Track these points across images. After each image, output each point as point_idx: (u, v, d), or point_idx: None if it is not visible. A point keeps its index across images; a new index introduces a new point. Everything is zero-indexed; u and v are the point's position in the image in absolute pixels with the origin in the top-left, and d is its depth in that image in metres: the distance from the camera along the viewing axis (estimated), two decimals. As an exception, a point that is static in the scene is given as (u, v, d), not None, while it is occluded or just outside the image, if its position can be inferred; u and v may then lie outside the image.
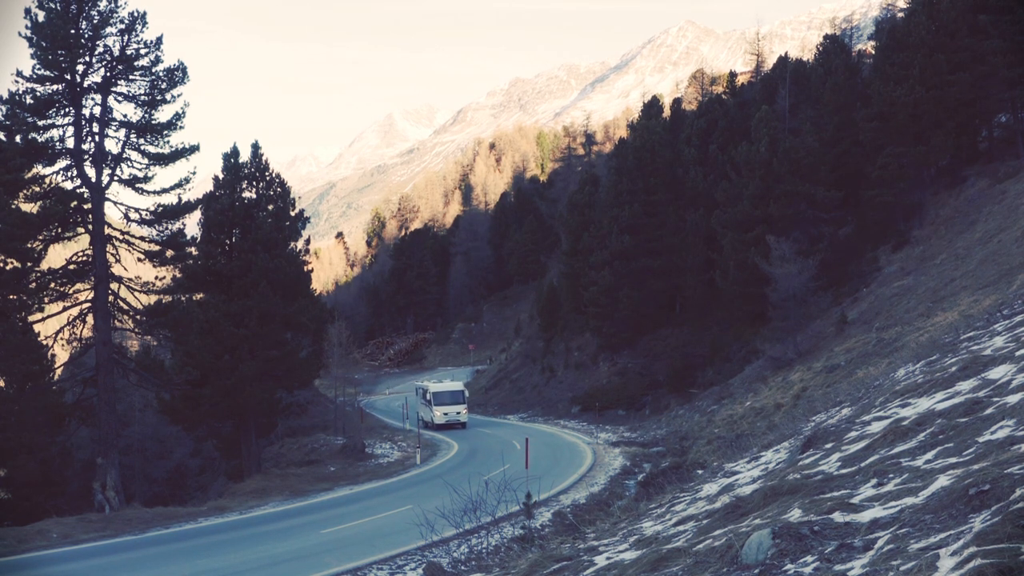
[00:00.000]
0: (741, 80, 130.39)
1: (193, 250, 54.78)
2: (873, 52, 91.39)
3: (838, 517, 9.16)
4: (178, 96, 52.21)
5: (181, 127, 52.46)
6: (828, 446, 15.35)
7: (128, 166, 51.49)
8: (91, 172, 50.44)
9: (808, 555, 8.37)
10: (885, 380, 26.00)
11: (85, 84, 50.04)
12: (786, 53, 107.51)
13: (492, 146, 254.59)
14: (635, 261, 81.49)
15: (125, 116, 51.56)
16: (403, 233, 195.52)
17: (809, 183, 70.82)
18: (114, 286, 51.38)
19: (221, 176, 56.11)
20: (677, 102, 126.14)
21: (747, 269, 67.26)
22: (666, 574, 9.75)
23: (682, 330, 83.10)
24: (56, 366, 54.79)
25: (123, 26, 50.09)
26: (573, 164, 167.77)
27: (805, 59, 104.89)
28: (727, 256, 71.92)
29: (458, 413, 77.21)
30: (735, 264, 70.17)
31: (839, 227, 75.64)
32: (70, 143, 50.19)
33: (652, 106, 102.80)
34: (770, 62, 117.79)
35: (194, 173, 53.58)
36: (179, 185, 52.70)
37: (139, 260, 53.08)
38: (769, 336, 65.66)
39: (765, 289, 62.86)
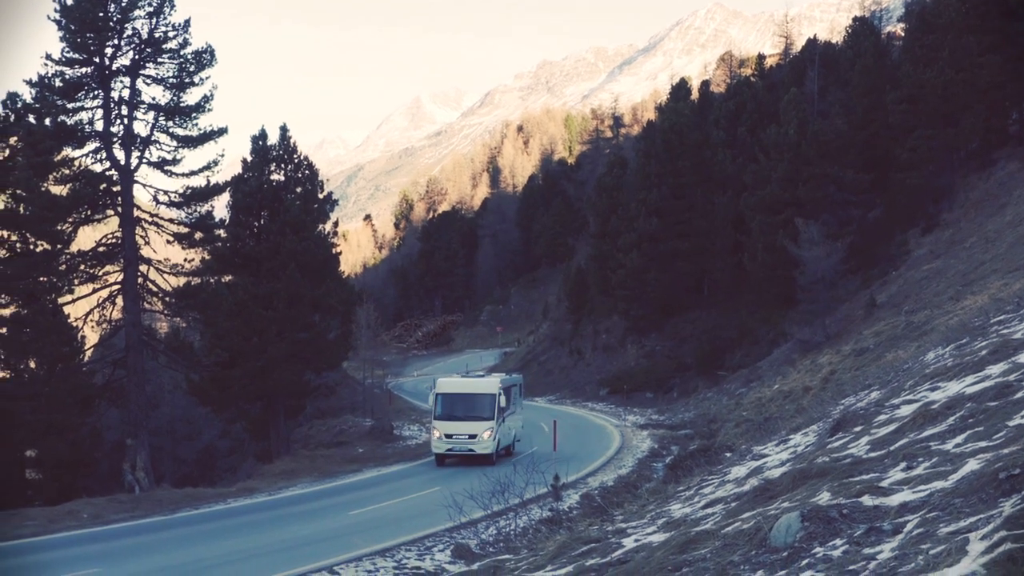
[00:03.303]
0: (770, 63, 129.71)
1: (222, 232, 54.97)
2: (903, 34, 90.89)
3: (867, 500, 9.15)
4: (206, 79, 52.47)
5: (209, 109, 52.66)
6: (857, 429, 15.33)
7: (157, 148, 51.79)
8: (120, 154, 50.69)
9: (837, 538, 8.37)
10: (914, 363, 25.93)
11: (114, 67, 50.27)
12: (815, 35, 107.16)
13: (520, 128, 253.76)
14: (663, 244, 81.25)
15: (154, 99, 51.85)
16: (431, 215, 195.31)
17: (838, 166, 70.52)
18: (143, 268, 51.63)
19: (249, 159, 56.24)
20: (705, 84, 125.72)
21: (776, 252, 66.98)
22: (695, 556, 9.75)
23: (710, 313, 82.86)
24: (86, 348, 54.91)
25: (151, 9, 50.30)
26: (601, 147, 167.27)
27: (834, 41, 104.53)
28: (755, 239, 71.68)
29: (471, 438, 44.10)
30: (763, 247, 69.93)
31: (868, 210, 75.32)
32: (99, 126, 50.49)
33: (680, 88, 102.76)
34: (799, 44, 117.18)
35: (222, 155, 53.75)
36: (207, 167, 52.90)
37: (168, 242, 53.27)
38: (798, 319, 65.42)
39: (794, 272, 62.65)
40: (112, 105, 50.54)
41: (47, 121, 49.67)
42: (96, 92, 50.35)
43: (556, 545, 14.57)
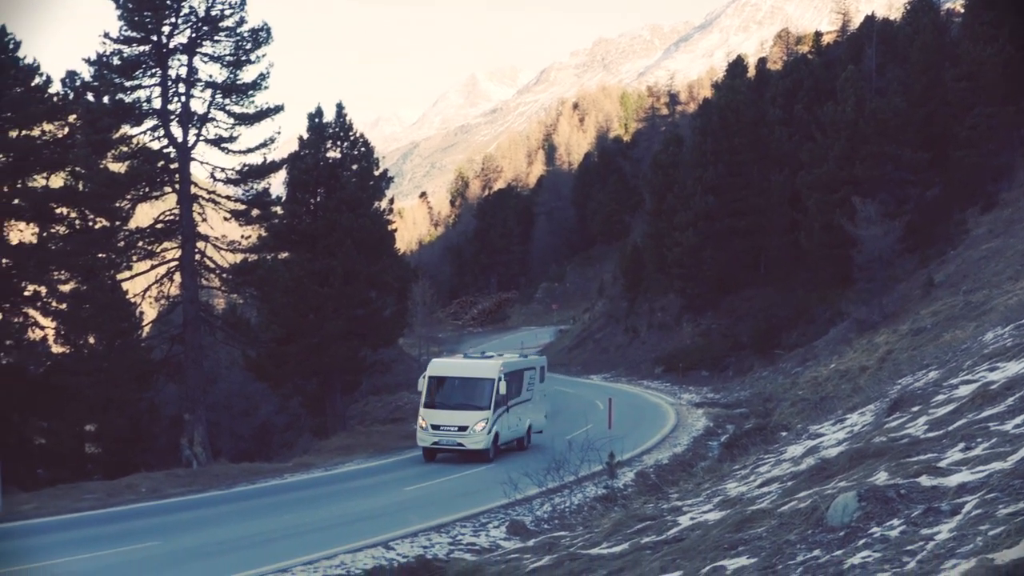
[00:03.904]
0: (827, 40, 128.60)
1: (278, 209, 55.33)
2: (962, 11, 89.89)
3: (925, 481, 9.11)
4: (262, 57, 52.66)
5: (266, 87, 52.90)
6: (915, 409, 15.25)
7: (214, 126, 52.06)
8: (177, 132, 51.04)
9: (894, 518, 8.34)
10: (973, 344, 25.74)
11: (171, 45, 50.56)
12: (873, 12, 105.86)
13: (575, 106, 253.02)
14: (719, 221, 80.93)
15: (211, 76, 52.19)
16: (486, 193, 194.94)
17: (896, 144, 69.87)
18: (201, 245, 51.97)
19: (306, 136, 56.56)
20: (762, 62, 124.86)
21: (832, 231, 66.50)
22: (751, 535, 9.75)
23: (766, 291, 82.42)
24: (144, 323, 55.43)
25: (208, -13, 50.53)
26: (657, 124, 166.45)
27: (892, 18, 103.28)
28: (812, 217, 71.24)
29: (461, 430, 37.85)
30: (820, 225, 69.48)
31: (926, 189, 74.53)
32: (157, 103, 50.80)
33: (737, 66, 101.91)
34: (856, 21, 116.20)
35: (279, 133, 54.01)
36: (264, 145, 53.12)
37: (225, 219, 53.62)
38: (854, 298, 64.94)
39: (850, 251, 62.17)
40: (169, 83, 50.89)
41: (105, 99, 50.15)
42: (154, 70, 50.70)
43: (611, 522, 14.61)
